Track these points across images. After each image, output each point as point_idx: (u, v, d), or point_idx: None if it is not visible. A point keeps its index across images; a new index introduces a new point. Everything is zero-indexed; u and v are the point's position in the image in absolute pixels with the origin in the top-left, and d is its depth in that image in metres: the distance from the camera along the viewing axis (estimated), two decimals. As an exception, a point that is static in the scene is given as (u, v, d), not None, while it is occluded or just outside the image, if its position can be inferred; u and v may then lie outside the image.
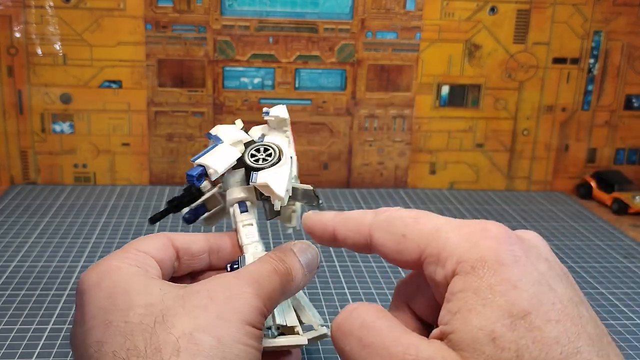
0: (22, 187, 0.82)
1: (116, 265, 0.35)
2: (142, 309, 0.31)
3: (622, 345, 0.51)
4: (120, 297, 0.32)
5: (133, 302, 0.31)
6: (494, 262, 0.28)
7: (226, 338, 0.30)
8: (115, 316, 0.31)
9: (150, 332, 0.29)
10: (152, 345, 0.29)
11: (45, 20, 0.79)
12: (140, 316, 0.30)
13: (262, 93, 0.84)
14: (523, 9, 0.85)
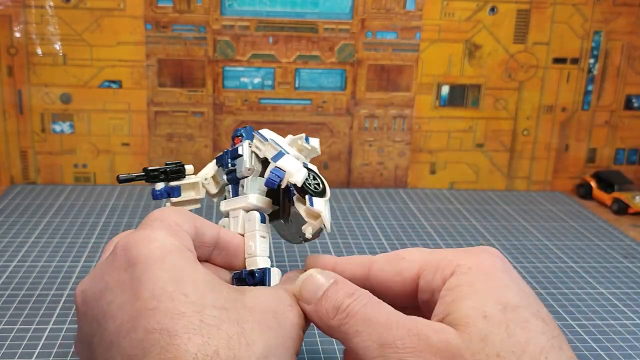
0: (22, 187, 0.82)
1: (175, 244, 0.32)
2: (218, 312, 0.29)
3: (622, 345, 0.51)
4: (190, 288, 0.30)
5: (206, 300, 0.29)
6: (489, 266, 0.31)
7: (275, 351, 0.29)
8: (188, 308, 0.29)
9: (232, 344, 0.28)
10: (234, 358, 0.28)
11: (45, 20, 0.79)
12: (217, 320, 0.29)
13: (262, 93, 0.84)
14: (523, 9, 0.85)
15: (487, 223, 0.77)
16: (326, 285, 0.32)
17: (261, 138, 0.39)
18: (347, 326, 0.31)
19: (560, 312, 0.56)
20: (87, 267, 0.60)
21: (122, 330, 0.29)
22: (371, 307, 0.31)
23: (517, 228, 0.76)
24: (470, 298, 0.30)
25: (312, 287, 0.33)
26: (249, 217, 0.39)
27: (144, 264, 0.30)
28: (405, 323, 0.30)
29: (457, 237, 0.72)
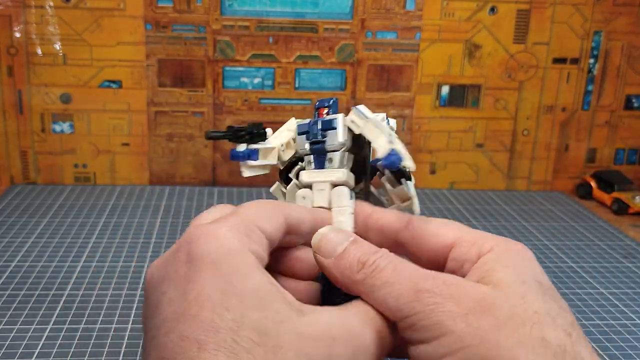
0: (22, 187, 0.82)
1: (237, 248, 0.30)
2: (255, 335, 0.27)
3: (622, 345, 0.51)
4: (233, 302, 0.28)
5: (247, 319, 0.27)
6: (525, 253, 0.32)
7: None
8: (224, 324, 0.27)
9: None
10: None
11: (45, 20, 0.79)
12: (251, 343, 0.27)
13: (262, 93, 0.84)
14: (523, 9, 0.85)
15: (487, 223, 0.77)
16: (347, 242, 0.32)
17: (360, 114, 0.38)
18: (373, 279, 0.30)
19: (560, 312, 0.56)
20: (87, 267, 0.60)
21: (162, 327, 0.28)
22: (400, 263, 0.31)
23: (517, 228, 0.76)
24: (508, 268, 0.30)
25: (332, 242, 0.32)
26: (339, 192, 0.37)
27: (200, 263, 0.29)
28: (440, 275, 0.30)
29: (457, 237, 0.72)
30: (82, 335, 0.49)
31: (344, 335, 0.29)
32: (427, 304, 0.28)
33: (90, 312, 0.52)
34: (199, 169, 0.86)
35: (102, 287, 0.57)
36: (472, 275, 0.31)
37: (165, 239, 0.68)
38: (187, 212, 0.76)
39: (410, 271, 0.30)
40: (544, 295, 0.29)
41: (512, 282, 0.29)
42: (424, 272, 0.30)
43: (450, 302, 0.28)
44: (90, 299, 0.54)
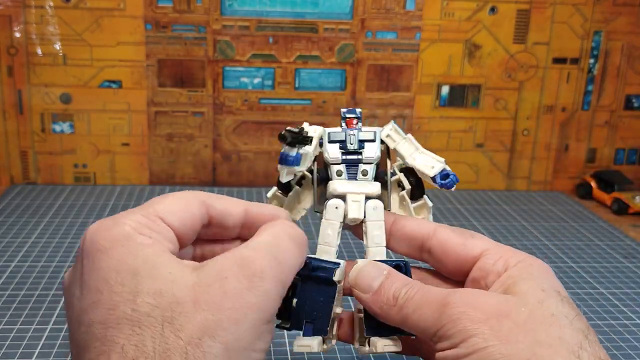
0: (22, 187, 0.82)
1: (129, 233, 0.30)
2: (151, 298, 0.28)
3: (622, 345, 0.51)
4: (128, 276, 0.29)
5: (141, 287, 0.28)
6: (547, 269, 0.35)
7: (234, 344, 0.27)
8: (122, 298, 0.28)
9: (159, 331, 0.27)
10: (160, 348, 0.27)
11: (45, 20, 0.79)
12: (149, 307, 0.28)
13: (262, 93, 0.84)
14: (523, 9, 0.85)
15: (487, 223, 0.77)
16: (381, 277, 0.34)
17: (397, 130, 0.40)
18: (405, 309, 0.33)
19: (560, 312, 0.56)
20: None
21: (75, 322, 0.29)
22: (427, 288, 0.33)
23: (517, 228, 0.76)
24: (529, 280, 0.33)
25: (368, 278, 0.35)
26: (375, 205, 0.37)
27: (94, 255, 0.30)
28: (463, 289, 0.33)
29: (457, 237, 0.72)
30: (82, 335, 0.49)
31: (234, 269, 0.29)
32: (453, 315, 0.31)
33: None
34: (199, 169, 0.86)
35: (102, 287, 0.57)
36: (496, 287, 0.34)
37: (165, 239, 0.68)
38: (187, 212, 0.76)
39: (436, 292, 0.33)
40: (561, 301, 0.32)
41: (532, 290, 0.32)
42: (447, 290, 0.32)
43: (473, 311, 0.30)
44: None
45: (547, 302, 0.31)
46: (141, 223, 0.31)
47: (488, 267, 0.35)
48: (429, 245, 0.37)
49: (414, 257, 0.38)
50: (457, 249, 0.36)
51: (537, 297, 0.31)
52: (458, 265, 0.36)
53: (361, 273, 0.35)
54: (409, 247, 0.38)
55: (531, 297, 0.31)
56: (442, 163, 0.38)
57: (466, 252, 0.36)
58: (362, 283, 0.35)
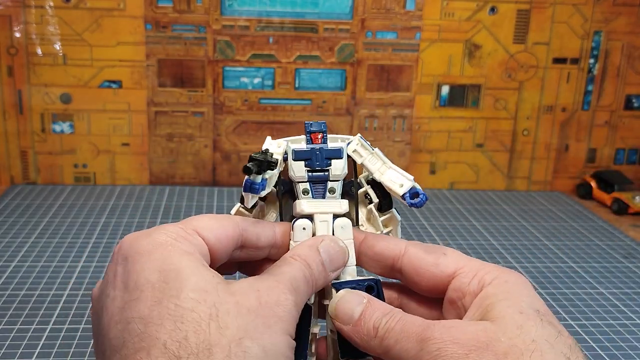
0: (22, 187, 0.82)
1: (168, 240, 0.32)
2: (195, 294, 0.29)
3: (622, 345, 0.51)
4: (172, 275, 0.30)
5: (186, 284, 0.29)
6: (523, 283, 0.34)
7: (271, 348, 0.29)
8: (165, 294, 0.29)
9: (203, 326, 0.28)
10: (203, 344, 0.27)
11: (45, 20, 0.79)
12: (193, 302, 0.28)
13: (262, 93, 0.84)
14: (523, 9, 0.85)
15: (487, 223, 0.77)
16: (361, 307, 0.34)
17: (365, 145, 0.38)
18: (386, 341, 0.32)
19: (560, 312, 0.56)
20: (87, 267, 0.60)
21: (111, 322, 0.30)
22: (407, 318, 0.33)
23: (517, 228, 0.76)
24: (507, 300, 0.32)
25: (348, 309, 0.34)
26: (343, 224, 0.37)
27: (134, 257, 0.31)
28: (441, 322, 0.32)
29: (457, 237, 0.72)
30: (82, 335, 0.49)
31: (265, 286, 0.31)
32: (432, 351, 0.30)
33: (90, 312, 0.52)
34: (199, 169, 0.86)
35: (102, 287, 0.57)
36: (474, 310, 0.33)
37: (165, 239, 0.68)
38: (187, 212, 0.76)
39: (417, 324, 0.32)
40: (541, 322, 0.31)
41: (510, 314, 0.31)
42: (427, 322, 0.32)
43: (452, 345, 0.30)
44: (90, 299, 0.54)
45: (526, 326, 0.30)
46: (179, 234, 0.32)
47: (464, 287, 0.34)
48: (399, 265, 0.36)
49: (387, 276, 0.38)
50: (430, 269, 0.36)
51: (516, 322, 0.31)
52: (432, 286, 0.36)
53: (340, 304, 0.34)
54: (379, 267, 0.37)
55: (510, 322, 0.31)
56: (411, 181, 0.36)
57: (439, 272, 0.36)
58: (342, 314, 0.34)
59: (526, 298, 0.32)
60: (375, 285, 0.36)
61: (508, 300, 0.32)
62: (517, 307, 0.31)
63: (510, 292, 0.33)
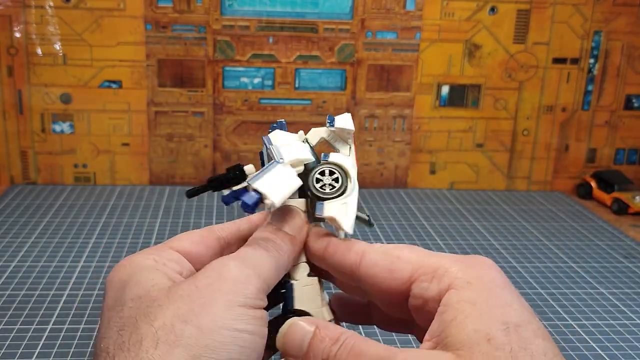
0: (22, 187, 0.82)
1: (132, 259, 0.34)
2: (132, 303, 0.30)
3: (622, 345, 0.51)
4: (120, 293, 0.32)
5: (126, 297, 0.31)
6: (489, 281, 0.30)
7: (209, 325, 0.29)
8: (113, 312, 0.31)
9: (134, 325, 0.29)
10: (134, 338, 0.29)
11: (45, 20, 0.79)
12: (130, 310, 0.30)
13: (262, 93, 0.84)
14: (523, 9, 0.85)
15: (487, 223, 0.77)
16: (309, 335, 0.31)
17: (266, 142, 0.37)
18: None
19: (560, 312, 0.56)
20: (87, 267, 0.60)
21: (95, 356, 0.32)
22: (359, 347, 0.30)
23: (517, 228, 0.76)
24: (472, 318, 0.29)
25: (296, 341, 0.32)
26: None
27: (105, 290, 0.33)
28: (399, 355, 0.29)
29: (457, 237, 0.72)
30: (82, 335, 0.49)
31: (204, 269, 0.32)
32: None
33: (90, 312, 0.52)
34: (199, 169, 0.86)
35: (102, 287, 0.57)
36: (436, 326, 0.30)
37: (165, 239, 0.68)
38: (187, 212, 0.76)
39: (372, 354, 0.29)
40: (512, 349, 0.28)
41: (477, 343, 0.28)
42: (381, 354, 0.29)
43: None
44: (90, 299, 0.54)
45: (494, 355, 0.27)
46: (149, 251, 0.34)
47: (424, 293, 0.31)
48: (358, 276, 0.33)
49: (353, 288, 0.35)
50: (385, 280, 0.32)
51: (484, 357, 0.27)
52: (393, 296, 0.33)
53: (287, 337, 0.32)
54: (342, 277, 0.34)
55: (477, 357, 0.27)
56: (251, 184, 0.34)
57: (395, 282, 0.32)
58: (290, 348, 0.32)
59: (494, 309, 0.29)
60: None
61: (473, 320, 0.29)
62: (484, 331, 0.28)
63: (475, 303, 0.29)
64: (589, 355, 0.49)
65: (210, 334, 0.29)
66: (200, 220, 0.74)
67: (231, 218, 0.74)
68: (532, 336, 0.28)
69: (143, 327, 0.29)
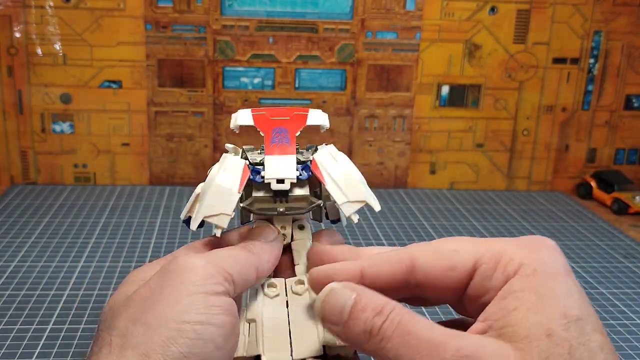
0: (22, 187, 0.82)
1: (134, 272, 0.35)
2: (103, 316, 0.32)
3: (622, 345, 0.51)
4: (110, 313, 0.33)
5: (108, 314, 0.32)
6: (554, 268, 0.29)
7: (154, 321, 0.29)
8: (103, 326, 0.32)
9: (99, 337, 0.30)
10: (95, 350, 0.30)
11: (45, 20, 0.79)
12: (101, 323, 0.32)
13: (262, 93, 0.84)
14: (523, 9, 0.85)
15: (487, 223, 0.77)
16: (350, 304, 0.29)
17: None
18: (384, 350, 0.28)
19: (560, 312, 0.56)
20: (87, 267, 0.60)
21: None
22: (406, 325, 0.28)
23: (517, 228, 0.76)
24: (534, 310, 0.27)
25: (336, 308, 0.29)
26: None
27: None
28: (452, 341, 0.27)
29: (457, 237, 0.72)
30: (82, 335, 0.49)
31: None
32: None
33: (90, 312, 0.52)
34: (199, 169, 0.86)
35: (102, 287, 0.57)
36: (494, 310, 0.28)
37: (165, 239, 0.68)
38: (187, 212, 0.76)
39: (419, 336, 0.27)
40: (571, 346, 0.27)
41: (537, 337, 0.27)
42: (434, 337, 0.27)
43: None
44: (90, 299, 0.54)
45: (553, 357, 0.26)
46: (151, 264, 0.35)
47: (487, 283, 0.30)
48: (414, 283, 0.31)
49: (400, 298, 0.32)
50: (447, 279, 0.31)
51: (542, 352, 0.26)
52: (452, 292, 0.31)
53: (326, 303, 0.30)
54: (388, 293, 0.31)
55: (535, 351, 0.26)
56: None
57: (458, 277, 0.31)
58: (329, 315, 0.29)
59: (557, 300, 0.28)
60: None
61: (536, 311, 0.27)
62: (546, 326, 0.27)
63: (539, 293, 0.28)
64: (589, 355, 0.49)
65: (157, 329, 0.28)
66: (200, 220, 0.73)
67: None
68: (590, 331, 0.27)
69: (106, 338, 0.30)
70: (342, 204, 0.35)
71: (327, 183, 0.35)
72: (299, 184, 0.35)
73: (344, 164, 0.35)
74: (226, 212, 0.34)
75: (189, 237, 0.68)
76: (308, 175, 0.35)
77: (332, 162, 0.35)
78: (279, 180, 0.34)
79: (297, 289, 0.35)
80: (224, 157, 0.36)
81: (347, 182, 0.35)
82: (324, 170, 0.35)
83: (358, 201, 0.34)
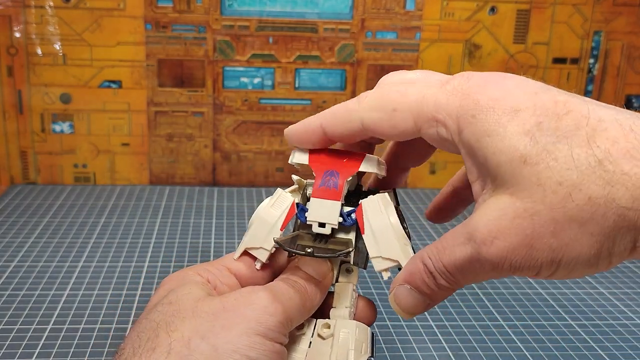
0: (22, 187, 0.82)
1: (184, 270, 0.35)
2: (161, 307, 0.31)
3: (622, 345, 0.51)
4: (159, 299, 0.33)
5: (159, 301, 0.32)
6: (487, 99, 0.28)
7: (223, 347, 0.29)
8: (144, 314, 0.32)
9: (154, 330, 0.30)
10: (149, 345, 0.29)
11: (45, 20, 0.79)
12: (156, 314, 0.31)
13: (262, 93, 0.84)
14: (523, 9, 0.85)
15: (487, 223, 0.77)
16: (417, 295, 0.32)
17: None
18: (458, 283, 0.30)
19: (560, 312, 0.56)
20: (87, 267, 0.60)
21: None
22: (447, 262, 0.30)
23: (517, 228, 0.76)
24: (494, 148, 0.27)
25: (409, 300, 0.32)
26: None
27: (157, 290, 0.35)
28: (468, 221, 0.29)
29: (457, 237, 0.72)
30: (82, 335, 0.49)
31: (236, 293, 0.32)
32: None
33: (90, 312, 0.52)
34: (199, 169, 0.86)
35: (102, 287, 0.57)
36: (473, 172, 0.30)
37: (165, 239, 0.68)
38: (187, 212, 0.76)
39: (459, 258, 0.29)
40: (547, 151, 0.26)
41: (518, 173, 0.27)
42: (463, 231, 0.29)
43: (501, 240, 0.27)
44: (90, 299, 0.54)
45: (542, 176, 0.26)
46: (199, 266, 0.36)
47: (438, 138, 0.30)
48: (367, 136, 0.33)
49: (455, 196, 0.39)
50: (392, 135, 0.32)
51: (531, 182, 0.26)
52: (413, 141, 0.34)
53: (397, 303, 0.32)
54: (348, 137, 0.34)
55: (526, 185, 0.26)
56: None
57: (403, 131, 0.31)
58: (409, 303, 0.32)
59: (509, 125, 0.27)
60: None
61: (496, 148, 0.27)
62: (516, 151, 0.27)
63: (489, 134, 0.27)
64: (589, 355, 0.49)
65: (223, 355, 0.29)
66: (200, 220, 0.74)
67: (232, 218, 0.74)
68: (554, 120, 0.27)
69: (161, 334, 0.30)
70: (373, 258, 0.35)
71: (366, 234, 0.35)
72: (344, 229, 0.36)
73: (389, 216, 0.35)
74: (265, 247, 0.35)
75: (189, 237, 0.68)
76: (352, 223, 0.35)
77: (377, 213, 0.35)
78: (320, 224, 0.35)
79: (322, 332, 0.36)
80: (277, 192, 0.37)
81: (385, 237, 0.34)
82: (367, 220, 0.35)
83: (390, 259, 0.34)
